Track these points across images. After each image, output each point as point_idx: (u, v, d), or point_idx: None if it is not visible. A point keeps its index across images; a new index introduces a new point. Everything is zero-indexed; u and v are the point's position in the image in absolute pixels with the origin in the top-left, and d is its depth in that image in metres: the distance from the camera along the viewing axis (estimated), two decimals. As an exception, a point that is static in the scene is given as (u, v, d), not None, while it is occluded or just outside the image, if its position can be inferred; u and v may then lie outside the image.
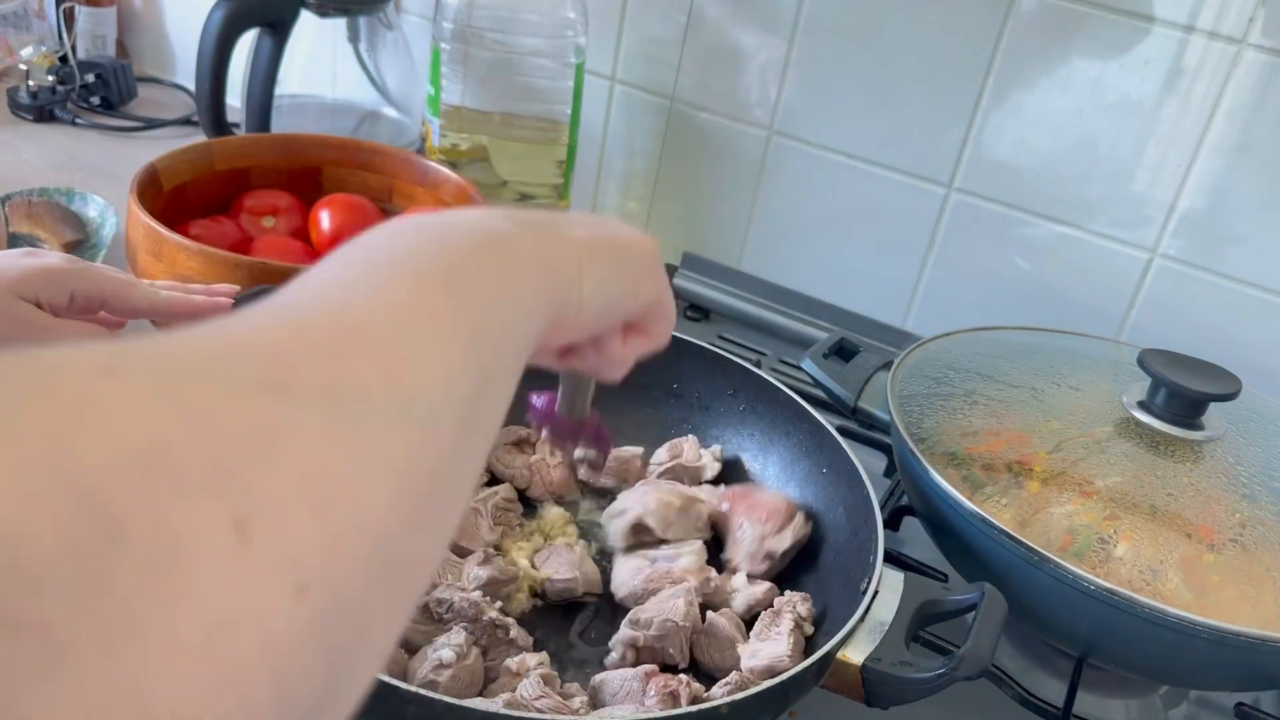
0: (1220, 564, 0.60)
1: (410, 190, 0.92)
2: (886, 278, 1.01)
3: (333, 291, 0.29)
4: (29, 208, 0.93)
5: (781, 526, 0.67)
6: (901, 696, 0.53)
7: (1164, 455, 0.66)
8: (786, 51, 0.98)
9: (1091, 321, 0.92)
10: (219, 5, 0.93)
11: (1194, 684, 0.69)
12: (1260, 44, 0.81)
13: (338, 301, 0.28)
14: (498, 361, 0.32)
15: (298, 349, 0.24)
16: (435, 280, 0.30)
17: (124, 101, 1.24)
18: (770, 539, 0.67)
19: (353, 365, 0.25)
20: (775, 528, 0.67)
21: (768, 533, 0.67)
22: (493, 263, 0.34)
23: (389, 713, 0.49)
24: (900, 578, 0.58)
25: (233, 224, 0.85)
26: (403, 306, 0.28)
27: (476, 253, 0.33)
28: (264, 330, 0.24)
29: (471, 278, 0.32)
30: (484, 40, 0.94)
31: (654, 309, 0.46)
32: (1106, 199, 0.90)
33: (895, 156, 0.97)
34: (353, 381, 0.24)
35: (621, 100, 1.08)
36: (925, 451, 0.66)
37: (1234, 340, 0.89)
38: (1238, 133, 0.84)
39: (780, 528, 0.67)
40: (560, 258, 0.39)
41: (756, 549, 0.67)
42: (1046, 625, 0.64)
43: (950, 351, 0.77)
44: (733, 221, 1.07)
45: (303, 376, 0.23)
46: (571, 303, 0.39)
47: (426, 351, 0.28)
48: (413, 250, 0.32)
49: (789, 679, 0.51)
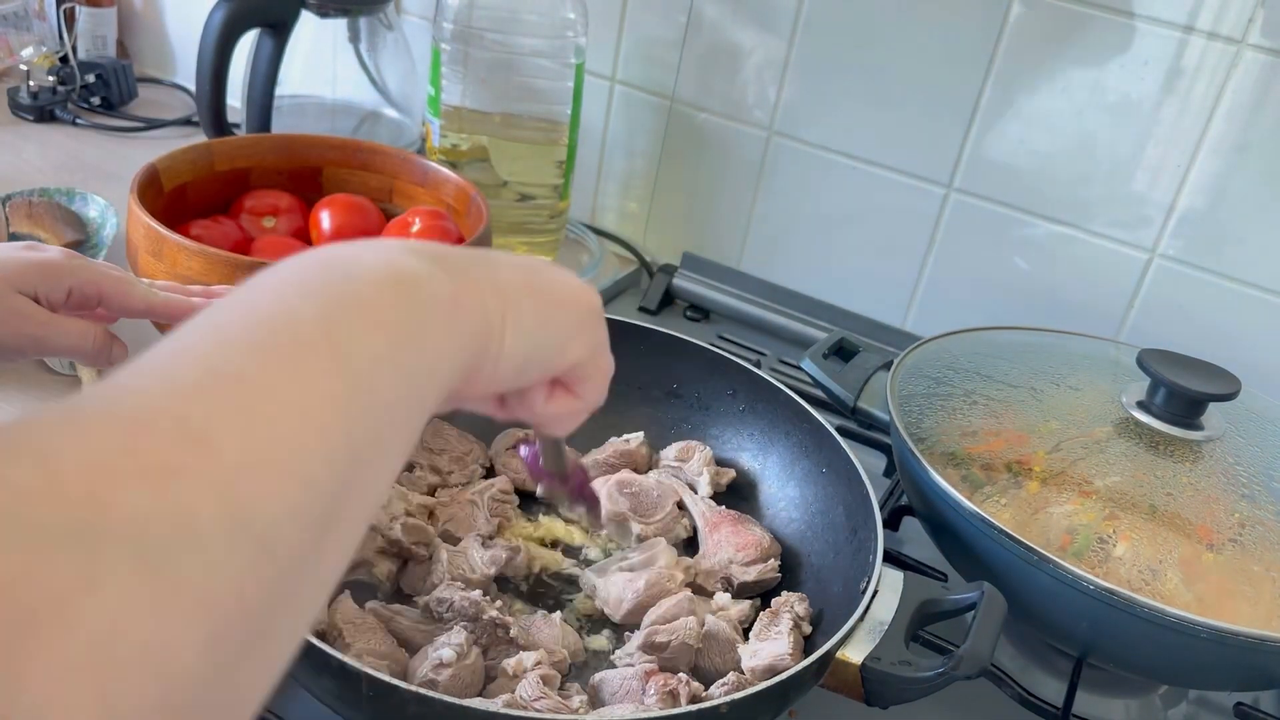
0: (1220, 564, 0.61)
1: (410, 190, 0.92)
2: (886, 278, 1.01)
3: (188, 368, 0.26)
4: (30, 208, 0.93)
5: (753, 561, 0.67)
6: (901, 696, 0.53)
7: (1163, 455, 0.66)
8: (786, 51, 0.98)
9: (1091, 321, 0.92)
10: (219, 6, 0.93)
11: (1193, 684, 0.69)
12: (1259, 44, 0.81)
13: (188, 384, 0.25)
14: (385, 425, 0.30)
15: (120, 469, 0.22)
16: (315, 341, 0.28)
17: (124, 102, 1.25)
18: (736, 567, 0.67)
19: (182, 487, 0.23)
20: (747, 560, 0.67)
21: (738, 560, 0.67)
22: (394, 310, 0.31)
23: (389, 712, 0.49)
24: (900, 577, 0.58)
25: (233, 224, 0.85)
26: (264, 387, 0.26)
27: (377, 298, 0.31)
28: (89, 438, 0.23)
29: (363, 332, 0.30)
30: (484, 40, 0.94)
31: (583, 369, 0.42)
32: (1106, 199, 0.90)
33: (895, 157, 0.97)
34: (176, 510, 0.22)
35: (621, 100, 1.08)
36: (925, 451, 0.66)
37: (1233, 340, 0.89)
38: (1237, 133, 0.84)
39: (751, 562, 0.67)
40: (479, 303, 0.36)
41: (718, 570, 0.67)
42: (1046, 625, 0.64)
43: (950, 351, 0.77)
44: (732, 221, 1.07)
45: (117, 512, 0.21)
46: (490, 353, 0.36)
47: (280, 453, 0.25)
48: (304, 295, 0.30)
49: (789, 678, 0.51)
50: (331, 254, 0.33)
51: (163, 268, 0.73)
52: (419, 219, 0.85)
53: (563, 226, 1.05)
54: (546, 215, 1.02)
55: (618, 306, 1.05)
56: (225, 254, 0.72)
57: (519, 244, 1.02)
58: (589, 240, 1.10)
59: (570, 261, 1.07)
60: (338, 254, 0.33)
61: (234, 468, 0.24)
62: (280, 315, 0.29)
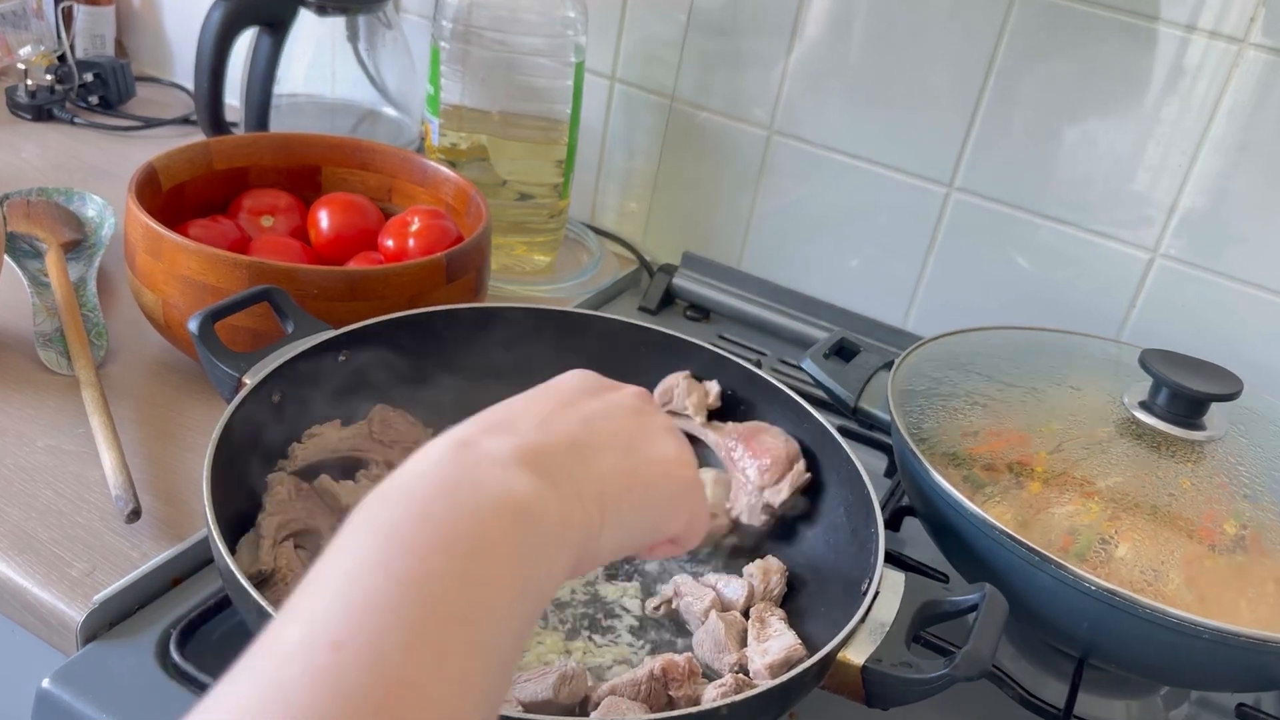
0: (1222, 564, 0.60)
1: (409, 189, 0.92)
2: (887, 277, 1.01)
3: (353, 662, 0.28)
4: (28, 207, 0.93)
5: (780, 476, 0.68)
6: (902, 697, 0.53)
7: (1165, 455, 0.65)
8: (787, 50, 0.98)
9: (1092, 321, 0.92)
10: (217, 4, 0.93)
11: (1195, 685, 0.69)
12: (1261, 43, 0.81)
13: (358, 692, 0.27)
14: (510, 660, 0.32)
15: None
16: (457, 616, 0.30)
17: (123, 101, 1.24)
18: (769, 490, 0.68)
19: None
20: (774, 478, 0.68)
21: (766, 483, 0.68)
22: (518, 559, 0.33)
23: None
24: (901, 578, 0.58)
25: (231, 223, 0.85)
26: (417, 684, 0.28)
27: (502, 544, 0.33)
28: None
29: (495, 591, 0.31)
30: (483, 39, 0.94)
31: (680, 531, 0.45)
32: (1107, 198, 0.90)
33: (896, 156, 0.97)
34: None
35: (621, 99, 1.08)
36: (926, 452, 0.66)
37: (1235, 340, 0.88)
38: (1239, 132, 0.84)
39: (779, 477, 0.68)
40: (584, 518, 0.37)
41: (755, 501, 0.68)
42: (1047, 626, 0.64)
43: (951, 351, 0.77)
44: (733, 221, 1.07)
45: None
46: (588, 552, 0.38)
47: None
48: (436, 551, 0.31)
49: (789, 679, 0.51)
50: (455, 480, 0.34)
51: (161, 267, 0.73)
52: (418, 218, 0.85)
53: (562, 226, 1.05)
54: (546, 214, 1.02)
55: (618, 306, 1.05)
56: (223, 253, 0.72)
57: (518, 243, 1.02)
58: (589, 239, 1.10)
59: (570, 261, 1.07)
60: (460, 481, 0.34)
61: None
62: (417, 581, 0.30)
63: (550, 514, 0.35)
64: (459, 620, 0.30)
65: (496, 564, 0.32)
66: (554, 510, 0.35)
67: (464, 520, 0.32)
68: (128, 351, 0.82)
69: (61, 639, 0.60)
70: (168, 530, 0.66)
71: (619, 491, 0.39)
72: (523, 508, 0.34)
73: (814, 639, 0.61)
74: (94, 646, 0.58)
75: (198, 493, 0.54)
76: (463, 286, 0.78)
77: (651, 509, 0.42)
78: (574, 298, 1.00)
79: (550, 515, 0.35)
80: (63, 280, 0.83)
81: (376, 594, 0.29)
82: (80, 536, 0.64)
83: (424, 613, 0.29)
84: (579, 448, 0.39)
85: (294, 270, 0.72)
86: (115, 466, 0.67)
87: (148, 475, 0.70)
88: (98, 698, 0.55)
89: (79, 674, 0.57)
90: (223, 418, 0.59)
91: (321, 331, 0.67)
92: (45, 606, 0.60)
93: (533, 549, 0.34)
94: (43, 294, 0.85)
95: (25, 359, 0.79)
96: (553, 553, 0.35)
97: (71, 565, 0.62)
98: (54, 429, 0.72)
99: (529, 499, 0.34)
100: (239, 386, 0.62)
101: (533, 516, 0.34)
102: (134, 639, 0.59)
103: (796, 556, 0.69)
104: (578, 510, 0.37)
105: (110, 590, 0.60)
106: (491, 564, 0.32)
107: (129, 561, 0.63)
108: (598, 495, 0.38)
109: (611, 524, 0.38)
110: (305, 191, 0.90)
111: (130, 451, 0.70)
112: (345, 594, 0.29)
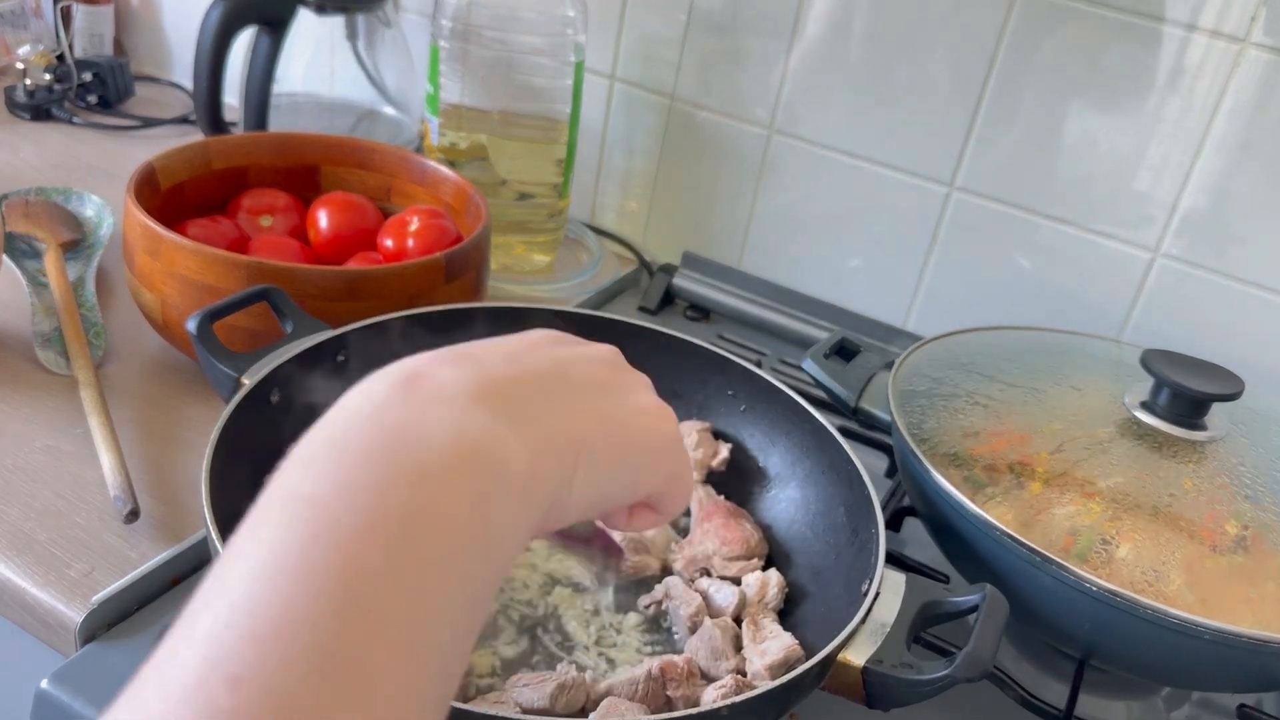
0: (1223, 565, 0.60)
1: (408, 189, 0.91)
2: (888, 277, 1.01)
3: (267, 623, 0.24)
4: (26, 207, 0.93)
5: (735, 558, 0.67)
6: (903, 698, 0.53)
7: (1166, 456, 0.65)
8: (787, 50, 0.98)
9: (1093, 321, 0.92)
10: (216, 3, 0.93)
11: (1196, 686, 0.69)
12: (1262, 43, 0.81)
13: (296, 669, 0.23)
14: (460, 623, 0.28)
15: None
16: (387, 590, 0.25)
17: (121, 100, 1.24)
18: (718, 560, 0.67)
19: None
20: (730, 554, 0.67)
21: (720, 553, 0.67)
22: (470, 523, 0.28)
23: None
24: (901, 579, 0.57)
25: (230, 223, 0.85)
26: (356, 663, 0.24)
27: (447, 496, 0.28)
28: None
29: (434, 563, 0.27)
30: (483, 38, 0.94)
31: (661, 492, 0.41)
32: (1109, 198, 0.90)
33: (896, 155, 0.97)
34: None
35: (621, 99, 1.08)
36: (927, 452, 0.66)
37: (1237, 340, 0.88)
38: (1240, 131, 0.83)
39: (734, 557, 0.67)
40: (554, 468, 0.33)
41: (699, 559, 0.67)
42: (1048, 627, 0.64)
43: (951, 351, 0.77)
44: (733, 221, 1.07)
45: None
46: (558, 505, 0.34)
47: None
48: (363, 511, 0.26)
49: (790, 680, 0.51)
50: (398, 428, 0.29)
51: (159, 267, 0.73)
52: (417, 218, 0.84)
53: (562, 225, 1.05)
54: (546, 214, 1.01)
55: (618, 306, 1.05)
56: (222, 253, 0.71)
57: (518, 242, 1.02)
58: (588, 239, 1.10)
59: (570, 261, 1.06)
60: (405, 428, 0.29)
61: None
62: (342, 584, 0.25)
63: (515, 460, 0.30)
64: (396, 627, 0.25)
65: (448, 539, 0.27)
66: (520, 457, 0.31)
67: (404, 489, 0.27)
68: (126, 351, 0.81)
69: (60, 640, 0.60)
70: (167, 531, 0.65)
71: (595, 439, 0.35)
72: (480, 453, 0.29)
73: (814, 640, 0.61)
74: (93, 647, 0.58)
75: (196, 493, 0.54)
76: (462, 286, 0.78)
77: (630, 464, 0.37)
78: (574, 298, 1.00)
79: (515, 463, 0.30)
80: (61, 280, 0.83)
81: (285, 607, 0.24)
82: (79, 537, 0.64)
83: (348, 626, 0.24)
84: (550, 387, 0.34)
85: (293, 270, 0.72)
86: (114, 467, 0.67)
87: (146, 475, 0.69)
88: (97, 698, 0.55)
89: (78, 675, 0.56)
90: (221, 418, 0.59)
91: (320, 331, 0.67)
92: (44, 607, 0.60)
93: (493, 506, 0.29)
94: (41, 294, 0.84)
95: (24, 359, 0.78)
96: (516, 508, 0.30)
97: (70, 566, 0.62)
98: (52, 429, 0.72)
99: (488, 443, 0.30)
100: (238, 386, 0.62)
101: (493, 465, 0.30)
102: (133, 639, 0.59)
103: (796, 557, 0.69)
104: (548, 461, 0.32)
105: (109, 591, 0.59)
106: (441, 543, 0.27)
107: (128, 562, 0.62)
108: (572, 441, 0.34)
109: (585, 476, 0.34)
110: (304, 191, 0.90)
111: (129, 452, 0.70)
112: (249, 605, 0.24)
